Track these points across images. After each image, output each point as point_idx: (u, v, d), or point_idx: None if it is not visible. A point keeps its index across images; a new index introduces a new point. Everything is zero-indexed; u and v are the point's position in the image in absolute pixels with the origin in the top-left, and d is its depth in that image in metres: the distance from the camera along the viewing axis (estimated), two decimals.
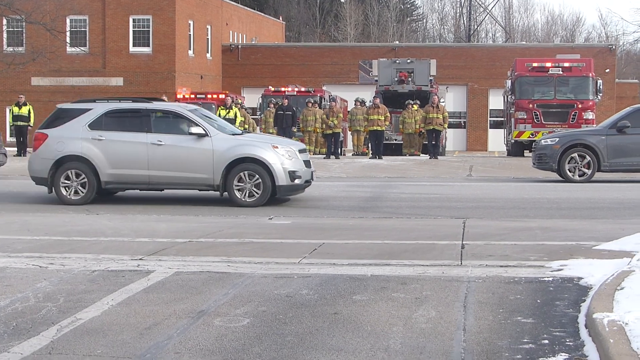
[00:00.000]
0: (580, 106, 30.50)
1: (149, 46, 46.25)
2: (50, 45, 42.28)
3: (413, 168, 25.16)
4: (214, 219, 13.51)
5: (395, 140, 33.66)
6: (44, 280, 8.43)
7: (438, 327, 6.63)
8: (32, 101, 36.89)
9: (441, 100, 32.92)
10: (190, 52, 48.21)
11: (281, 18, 70.82)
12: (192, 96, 35.73)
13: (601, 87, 31.11)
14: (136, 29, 46.28)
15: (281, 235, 11.54)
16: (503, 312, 7.07)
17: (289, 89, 36.28)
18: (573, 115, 30.41)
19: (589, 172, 19.80)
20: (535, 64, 31.42)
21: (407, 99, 32.77)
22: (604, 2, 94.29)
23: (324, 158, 28.86)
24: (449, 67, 48.49)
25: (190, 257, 9.69)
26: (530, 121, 30.58)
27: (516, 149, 31.86)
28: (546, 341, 6.25)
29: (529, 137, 30.14)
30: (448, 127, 32.62)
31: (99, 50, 46.00)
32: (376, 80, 35.45)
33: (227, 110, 28.24)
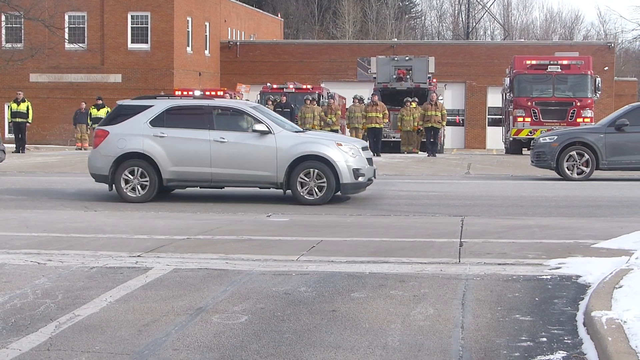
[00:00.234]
0: (578, 104, 30.48)
1: (148, 43, 46.21)
2: (48, 41, 42.31)
3: (411, 165, 25.18)
4: (212, 216, 13.51)
5: (393, 137, 33.70)
6: (43, 276, 8.43)
7: (436, 325, 6.63)
8: (31, 98, 36.93)
9: (439, 97, 32.92)
10: (188, 49, 48.17)
11: (279, 15, 70.75)
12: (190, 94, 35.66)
13: (600, 85, 31.08)
14: (134, 26, 46.25)
15: (279, 232, 11.54)
16: (501, 310, 7.08)
17: (288, 86, 36.30)
18: (571, 113, 30.41)
19: (588, 170, 19.80)
20: (533, 62, 31.39)
21: (406, 97, 32.81)
22: (603, 0, 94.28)
23: None
24: (448, 65, 48.49)
25: (188, 254, 9.68)
26: (528, 119, 30.57)
27: (514, 147, 31.85)
28: (544, 339, 6.25)
29: (528, 135, 30.15)
30: (446, 125, 32.59)
31: (98, 46, 45.98)
32: (374, 77, 35.48)
33: None
